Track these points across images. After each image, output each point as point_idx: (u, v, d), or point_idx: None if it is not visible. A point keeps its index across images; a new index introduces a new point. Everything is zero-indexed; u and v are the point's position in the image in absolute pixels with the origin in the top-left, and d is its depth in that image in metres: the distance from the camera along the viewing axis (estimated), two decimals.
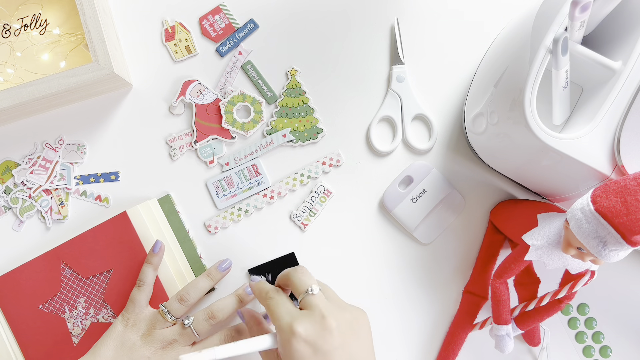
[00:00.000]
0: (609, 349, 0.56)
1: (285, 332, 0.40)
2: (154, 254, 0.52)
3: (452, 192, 0.56)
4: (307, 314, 0.41)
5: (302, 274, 0.44)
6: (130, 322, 0.50)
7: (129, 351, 0.49)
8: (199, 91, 0.57)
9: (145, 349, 0.49)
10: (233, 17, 0.58)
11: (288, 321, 0.40)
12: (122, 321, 0.51)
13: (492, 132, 0.47)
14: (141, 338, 0.49)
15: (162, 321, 0.50)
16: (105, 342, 0.49)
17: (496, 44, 0.53)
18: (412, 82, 0.57)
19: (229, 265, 0.55)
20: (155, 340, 0.49)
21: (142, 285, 0.51)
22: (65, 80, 0.51)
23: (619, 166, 0.41)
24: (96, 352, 0.49)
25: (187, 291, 0.51)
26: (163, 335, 0.49)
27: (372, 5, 0.58)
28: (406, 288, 0.56)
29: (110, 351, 0.49)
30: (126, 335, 0.50)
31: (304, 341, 0.39)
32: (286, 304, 0.43)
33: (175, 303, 0.51)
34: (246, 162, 0.57)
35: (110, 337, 0.50)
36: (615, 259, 0.38)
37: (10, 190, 0.57)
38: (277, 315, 0.42)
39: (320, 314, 0.41)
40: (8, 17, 0.57)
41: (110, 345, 0.49)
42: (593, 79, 0.46)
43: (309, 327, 0.40)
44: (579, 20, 0.40)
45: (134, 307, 0.51)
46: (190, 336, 0.50)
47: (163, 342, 0.49)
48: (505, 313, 0.49)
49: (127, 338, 0.49)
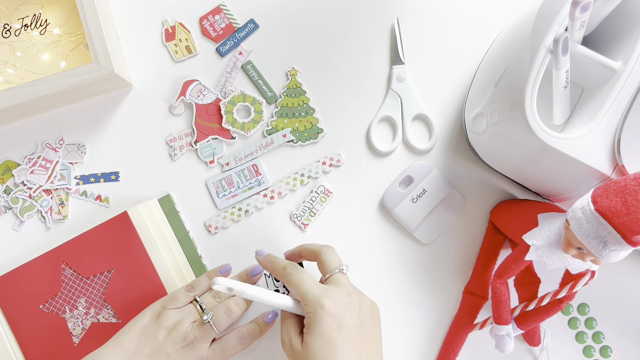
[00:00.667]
0: (609, 349, 0.56)
1: (313, 304, 0.42)
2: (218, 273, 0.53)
3: (452, 192, 0.56)
4: (335, 288, 0.44)
5: (333, 253, 0.48)
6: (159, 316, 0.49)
7: (151, 346, 0.48)
8: (199, 91, 0.57)
9: (168, 345, 0.48)
10: (233, 17, 0.58)
11: (316, 294, 0.43)
12: (151, 313, 0.50)
13: (493, 132, 0.47)
14: (166, 333, 0.48)
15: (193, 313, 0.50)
16: (129, 333, 0.48)
17: (496, 44, 0.53)
18: (412, 82, 0.57)
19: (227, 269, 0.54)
20: (178, 337, 0.48)
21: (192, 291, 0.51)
22: (65, 80, 0.51)
23: (619, 166, 0.41)
24: (118, 343, 0.48)
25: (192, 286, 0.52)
26: (186, 332, 0.48)
27: (373, 5, 0.58)
28: (406, 288, 0.56)
29: (133, 343, 0.48)
30: (151, 328, 0.48)
31: (331, 314, 0.42)
32: (310, 278, 0.45)
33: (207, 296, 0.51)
34: (246, 162, 0.57)
35: (135, 329, 0.49)
36: (616, 259, 0.38)
37: (10, 190, 0.57)
38: (304, 289, 0.44)
39: (347, 292, 0.44)
40: (8, 17, 0.57)
41: (134, 337, 0.48)
42: (593, 79, 0.46)
43: (337, 301, 0.43)
44: (580, 20, 0.40)
45: (172, 300, 0.50)
46: (209, 332, 0.49)
47: (185, 339, 0.48)
48: (505, 313, 0.49)
49: (152, 332, 0.48)
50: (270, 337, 0.55)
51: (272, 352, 0.55)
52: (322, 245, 0.48)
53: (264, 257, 0.50)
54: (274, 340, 0.55)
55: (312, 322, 0.42)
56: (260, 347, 0.55)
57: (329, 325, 0.42)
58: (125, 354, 0.47)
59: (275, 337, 0.55)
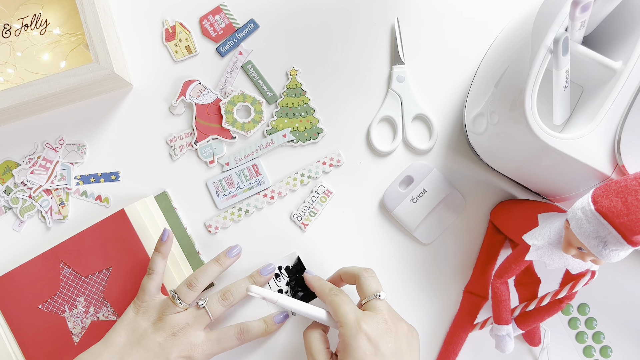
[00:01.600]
0: (610, 349, 0.55)
1: (351, 327, 0.43)
2: (162, 242, 0.52)
3: (452, 192, 0.56)
4: (372, 315, 0.45)
5: (372, 277, 0.48)
6: (141, 310, 0.50)
7: (140, 338, 0.49)
8: (199, 91, 0.57)
9: (157, 335, 0.49)
10: (233, 17, 0.58)
11: (354, 318, 0.44)
12: (133, 308, 0.51)
13: (493, 132, 0.47)
14: (152, 325, 0.49)
15: (173, 306, 0.50)
16: (117, 330, 0.50)
17: (497, 44, 0.53)
18: (412, 82, 0.57)
19: (238, 251, 0.54)
20: (167, 326, 0.49)
21: (152, 274, 0.51)
22: (65, 80, 0.51)
23: (620, 166, 0.41)
24: (108, 340, 0.49)
25: (195, 277, 0.51)
26: (175, 320, 0.49)
27: (373, 5, 0.58)
28: (406, 288, 0.56)
29: (121, 338, 0.49)
30: (137, 322, 0.50)
31: (367, 339, 0.42)
32: (350, 302, 0.46)
33: (184, 288, 0.51)
34: (246, 162, 0.57)
35: (122, 325, 0.50)
36: (616, 259, 0.38)
37: (10, 190, 0.57)
38: (343, 311, 0.45)
39: (384, 318, 0.44)
40: (8, 17, 0.57)
41: (122, 332, 0.49)
42: (593, 79, 0.46)
43: (374, 327, 0.43)
44: (580, 20, 0.40)
45: (144, 294, 0.51)
46: (204, 317, 0.50)
47: (175, 327, 0.49)
48: (505, 313, 0.49)
49: (138, 325, 0.49)
50: (276, 339, 0.55)
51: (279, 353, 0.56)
52: (362, 269, 0.49)
53: (313, 276, 0.52)
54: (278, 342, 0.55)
55: (347, 346, 0.43)
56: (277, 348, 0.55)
57: (364, 351, 0.42)
58: (116, 348, 0.48)
59: (282, 339, 0.55)
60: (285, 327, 0.55)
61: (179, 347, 0.48)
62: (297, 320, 0.56)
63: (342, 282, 0.52)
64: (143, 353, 0.48)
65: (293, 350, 0.55)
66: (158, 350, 0.48)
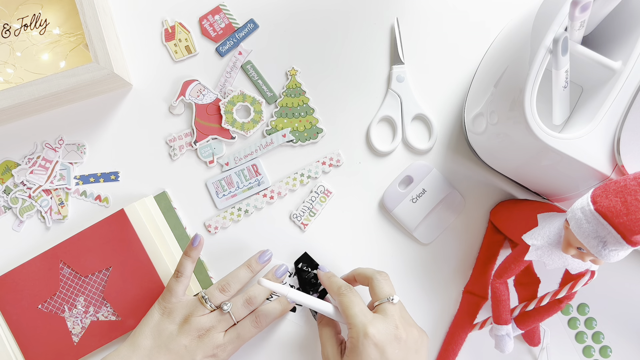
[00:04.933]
0: (609, 349, 0.55)
1: (358, 330, 0.43)
2: (192, 247, 0.52)
3: (452, 192, 0.56)
4: (382, 319, 0.44)
5: (386, 281, 0.48)
6: (166, 311, 0.50)
7: (167, 341, 0.49)
8: (199, 91, 0.57)
9: (182, 337, 0.48)
10: (233, 17, 0.58)
11: (362, 321, 0.43)
12: (158, 310, 0.50)
13: (492, 132, 0.47)
14: (178, 327, 0.49)
15: (201, 308, 0.50)
16: (143, 332, 0.49)
17: (496, 44, 0.53)
18: (412, 82, 0.57)
19: (269, 256, 0.54)
20: (192, 329, 0.49)
21: (181, 277, 0.51)
22: (65, 80, 0.51)
23: (619, 166, 0.41)
24: (135, 343, 0.49)
25: (227, 282, 0.52)
26: (200, 322, 0.49)
27: (372, 5, 0.58)
28: (406, 288, 0.56)
29: (148, 341, 0.49)
30: (163, 324, 0.49)
31: (374, 344, 0.42)
32: (360, 303, 0.45)
33: (216, 291, 0.51)
34: (246, 162, 0.57)
35: (148, 327, 0.50)
36: (615, 259, 0.38)
37: (10, 190, 0.57)
38: (352, 313, 0.44)
39: (395, 324, 0.44)
40: (8, 17, 0.57)
41: (148, 334, 0.49)
42: (593, 79, 0.46)
43: (382, 331, 0.43)
44: (579, 20, 0.40)
45: (170, 296, 0.50)
46: (228, 321, 0.50)
47: (200, 330, 0.49)
48: (505, 313, 0.49)
49: (164, 327, 0.49)
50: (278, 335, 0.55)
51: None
52: (375, 271, 0.49)
53: (325, 273, 0.52)
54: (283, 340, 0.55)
55: (354, 348, 0.43)
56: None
57: (370, 354, 0.42)
58: (144, 352, 0.48)
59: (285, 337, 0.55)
60: (290, 321, 0.56)
61: (203, 349, 0.48)
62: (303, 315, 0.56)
63: (356, 283, 0.51)
64: (170, 356, 0.48)
65: (300, 344, 0.56)
66: (184, 353, 0.48)
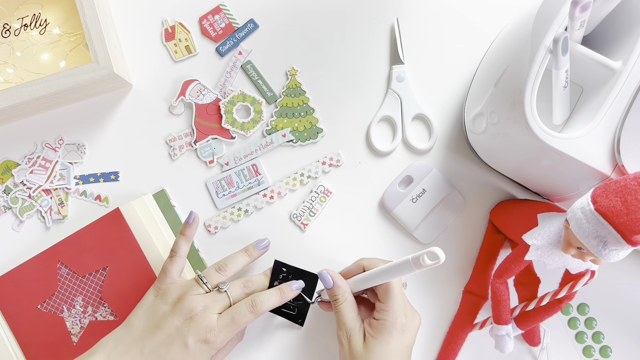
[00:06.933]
0: (609, 349, 0.55)
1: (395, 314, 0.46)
2: (187, 225, 0.51)
3: (452, 192, 0.56)
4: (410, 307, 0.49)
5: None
6: (160, 292, 0.49)
7: (160, 321, 0.47)
8: (199, 91, 0.57)
9: (175, 318, 0.47)
10: (233, 17, 0.58)
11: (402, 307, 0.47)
12: (153, 291, 0.49)
13: (492, 132, 0.47)
14: (171, 307, 0.48)
15: (197, 288, 0.48)
16: (136, 314, 0.48)
17: (496, 44, 0.53)
18: (412, 82, 0.57)
19: (267, 244, 0.54)
20: (185, 308, 0.47)
21: (175, 256, 0.50)
22: (65, 80, 0.51)
23: (619, 166, 0.41)
24: (128, 325, 0.48)
25: (224, 262, 0.51)
26: (193, 302, 0.47)
27: (372, 5, 0.58)
28: (406, 288, 0.56)
29: (141, 322, 0.48)
30: (156, 304, 0.48)
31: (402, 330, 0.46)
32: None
33: (211, 270, 0.50)
34: (246, 162, 0.57)
35: (141, 308, 0.49)
36: (616, 259, 0.38)
37: (10, 190, 0.57)
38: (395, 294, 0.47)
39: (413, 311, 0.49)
40: (8, 16, 0.57)
41: (142, 316, 0.48)
42: (593, 79, 0.46)
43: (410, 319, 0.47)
44: (579, 20, 0.40)
45: (165, 277, 0.49)
46: (224, 301, 0.48)
47: (192, 310, 0.47)
48: (505, 313, 0.49)
49: (157, 308, 0.48)
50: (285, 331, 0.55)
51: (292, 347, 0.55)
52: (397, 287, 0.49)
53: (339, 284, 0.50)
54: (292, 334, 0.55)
55: (383, 329, 0.46)
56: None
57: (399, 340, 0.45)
58: (136, 332, 0.47)
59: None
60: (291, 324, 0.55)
61: (196, 331, 0.46)
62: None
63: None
64: (162, 337, 0.46)
65: (299, 344, 0.56)
66: (176, 334, 0.46)
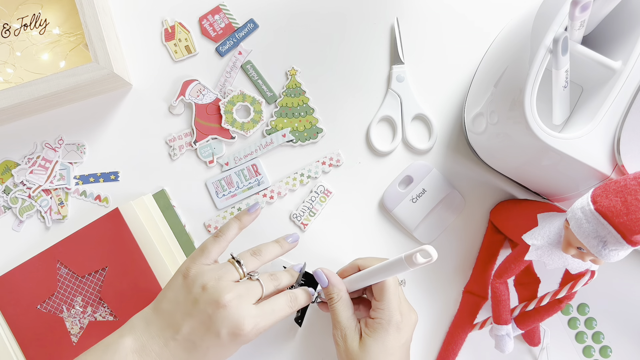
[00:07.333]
0: (609, 349, 0.55)
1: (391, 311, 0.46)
2: (247, 213, 0.49)
3: (452, 192, 0.56)
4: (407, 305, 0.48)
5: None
6: (191, 273, 0.45)
7: (192, 307, 0.43)
8: (199, 91, 0.57)
9: (208, 306, 0.43)
10: (233, 17, 0.58)
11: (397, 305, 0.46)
12: (184, 271, 0.45)
13: (492, 132, 0.47)
14: (203, 292, 0.43)
15: (230, 271, 0.45)
16: (167, 295, 0.45)
17: (496, 44, 0.53)
18: (412, 82, 0.57)
19: (296, 238, 0.52)
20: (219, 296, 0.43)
21: (221, 237, 0.47)
22: (65, 80, 0.51)
23: (619, 166, 0.41)
24: (158, 308, 0.44)
25: (259, 249, 0.48)
26: (227, 289, 0.43)
27: (372, 5, 0.58)
28: (406, 288, 0.56)
29: (170, 305, 0.44)
30: (187, 287, 0.44)
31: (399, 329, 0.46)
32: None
33: (247, 255, 0.47)
34: (246, 162, 0.57)
35: (172, 290, 0.45)
36: (616, 259, 0.38)
37: (9, 190, 0.57)
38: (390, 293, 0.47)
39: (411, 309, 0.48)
40: (8, 16, 0.57)
41: (172, 297, 0.44)
42: (593, 79, 0.46)
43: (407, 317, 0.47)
44: (579, 20, 0.40)
45: (201, 255, 0.46)
46: (256, 290, 0.45)
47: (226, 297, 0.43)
48: (505, 313, 0.49)
49: (189, 291, 0.44)
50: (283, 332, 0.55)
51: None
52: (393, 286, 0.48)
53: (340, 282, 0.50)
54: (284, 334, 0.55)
55: (379, 327, 0.45)
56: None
57: (395, 338, 0.45)
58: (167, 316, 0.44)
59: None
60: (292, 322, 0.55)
61: (230, 321, 0.42)
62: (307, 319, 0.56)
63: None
64: (194, 325, 0.43)
65: (300, 344, 0.55)
66: (209, 323, 0.43)
